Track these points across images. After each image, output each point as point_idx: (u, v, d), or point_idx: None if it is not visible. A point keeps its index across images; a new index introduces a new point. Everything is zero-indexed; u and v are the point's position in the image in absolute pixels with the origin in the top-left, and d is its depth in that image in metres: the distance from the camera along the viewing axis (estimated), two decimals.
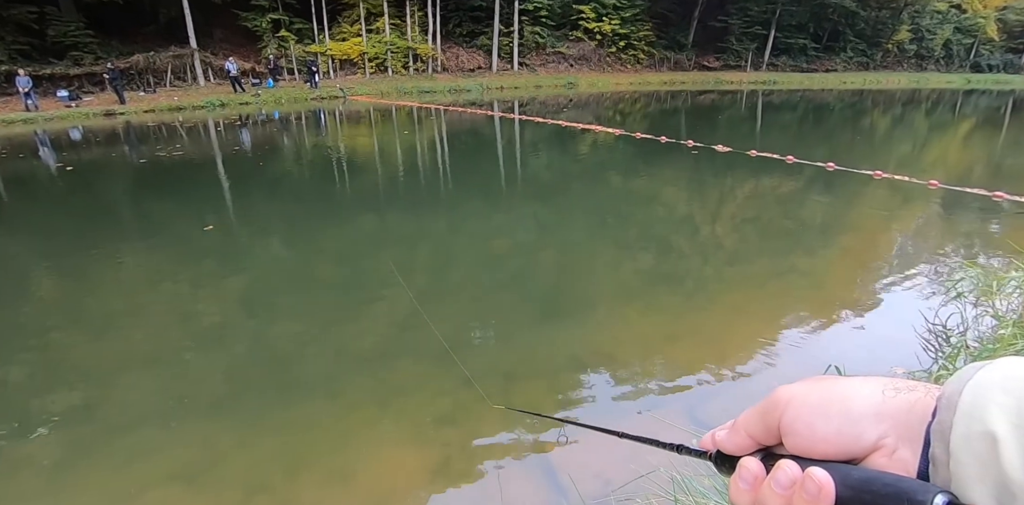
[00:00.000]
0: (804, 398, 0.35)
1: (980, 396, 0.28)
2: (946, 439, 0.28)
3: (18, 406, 2.90)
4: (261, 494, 2.16)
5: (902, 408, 0.32)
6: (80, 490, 2.25)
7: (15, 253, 5.65)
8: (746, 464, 0.37)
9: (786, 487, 0.33)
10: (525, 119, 15.08)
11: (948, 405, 0.29)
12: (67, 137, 15.36)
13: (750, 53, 33.12)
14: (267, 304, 4.16)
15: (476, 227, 5.94)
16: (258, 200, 7.55)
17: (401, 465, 2.28)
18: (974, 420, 0.27)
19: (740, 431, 0.39)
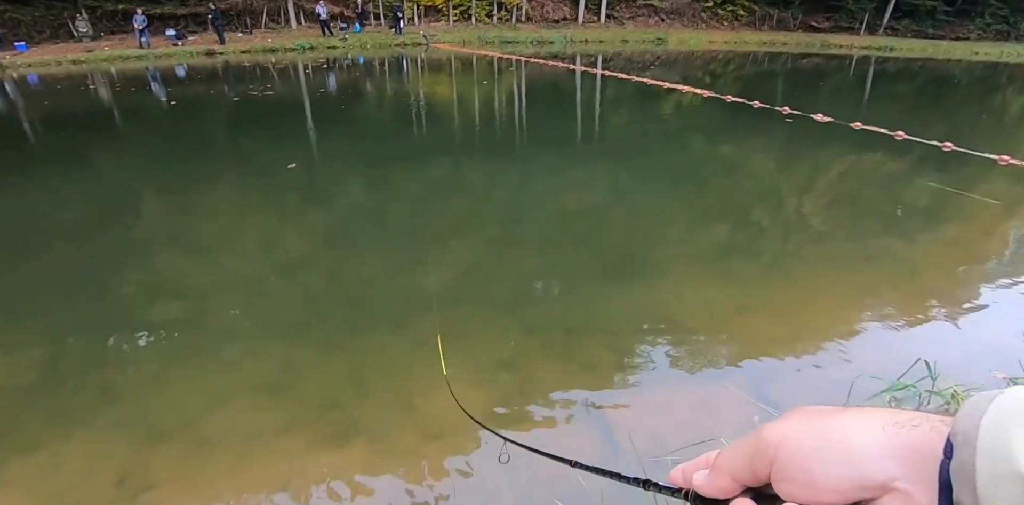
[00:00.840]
0: (797, 441, 0.31)
1: (1001, 432, 0.25)
2: (971, 482, 0.25)
3: (128, 314, 3.24)
4: (333, 411, 2.33)
5: (908, 446, 0.28)
6: (179, 390, 2.53)
7: (127, 178, 6.18)
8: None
9: None
10: (608, 75, 14.45)
11: (965, 443, 0.26)
12: (173, 74, 16.31)
13: (867, 14, 29.52)
14: (342, 241, 4.36)
15: (548, 181, 5.87)
16: (339, 141, 7.78)
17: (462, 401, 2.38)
18: (1000, 460, 0.25)
19: (723, 474, 0.35)
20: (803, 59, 20.85)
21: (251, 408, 2.38)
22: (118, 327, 3.07)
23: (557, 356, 2.71)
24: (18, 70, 17.61)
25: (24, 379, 2.65)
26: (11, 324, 3.18)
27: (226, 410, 2.37)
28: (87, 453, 2.14)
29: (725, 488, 0.35)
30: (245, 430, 2.24)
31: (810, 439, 0.31)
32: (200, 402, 2.42)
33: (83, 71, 17.09)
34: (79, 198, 5.51)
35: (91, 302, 3.41)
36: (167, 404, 2.42)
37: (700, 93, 11.22)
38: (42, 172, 6.59)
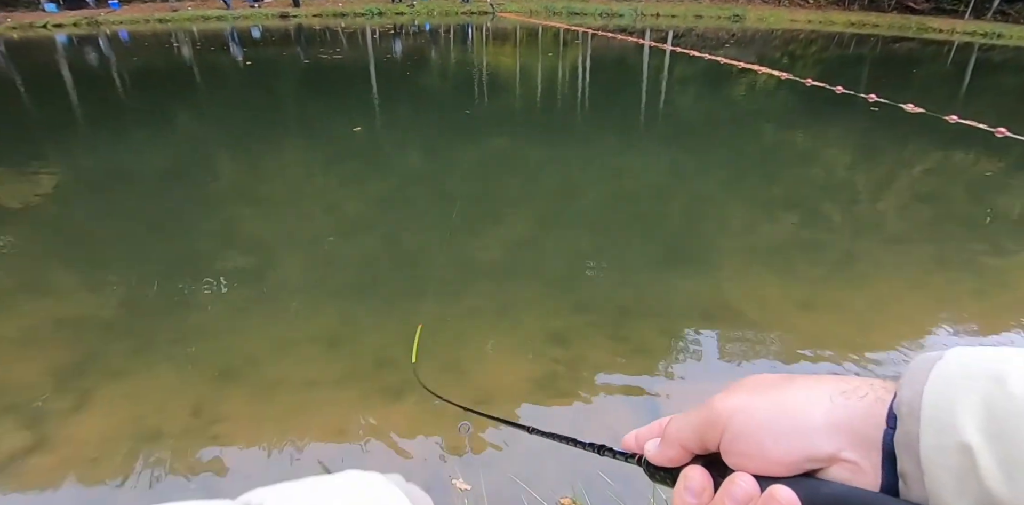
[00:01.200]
0: (749, 414, 0.31)
1: (944, 400, 0.25)
2: (915, 453, 0.25)
3: (202, 260, 3.46)
4: (387, 367, 2.44)
5: (856, 416, 0.28)
6: (248, 334, 2.70)
7: (203, 133, 6.49)
8: (691, 475, 0.33)
9: (742, 502, 0.30)
10: (678, 51, 13.86)
11: (910, 413, 0.26)
12: (249, 35, 16.80)
13: None
14: (401, 206, 4.45)
15: (607, 160, 5.76)
16: (402, 108, 7.87)
17: (511, 370, 2.44)
18: (944, 430, 0.25)
19: (673, 443, 0.35)
20: (895, 43, 19.29)
21: (311, 357, 2.52)
22: (194, 272, 3.28)
23: (608, 335, 2.72)
24: (111, 27, 18.59)
25: (114, 314, 2.90)
26: (101, 264, 3.46)
27: (289, 357, 2.52)
28: (167, 384, 2.33)
29: (675, 457, 0.35)
30: (305, 377, 2.38)
31: (760, 413, 0.31)
32: (266, 347, 2.58)
33: (168, 29, 17.86)
34: (161, 150, 5.84)
35: (170, 247, 3.65)
36: (237, 346, 2.59)
37: (777, 75, 10.62)
38: (130, 124, 7.00)
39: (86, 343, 2.63)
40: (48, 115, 7.70)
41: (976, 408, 0.24)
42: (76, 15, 19.26)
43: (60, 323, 2.80)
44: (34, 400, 2.24)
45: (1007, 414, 0.24)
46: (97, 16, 19.34)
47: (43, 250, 3.71)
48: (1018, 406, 0.23)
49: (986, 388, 0.25)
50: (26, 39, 16.51)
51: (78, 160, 5.61)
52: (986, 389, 0.25)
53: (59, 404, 2.22)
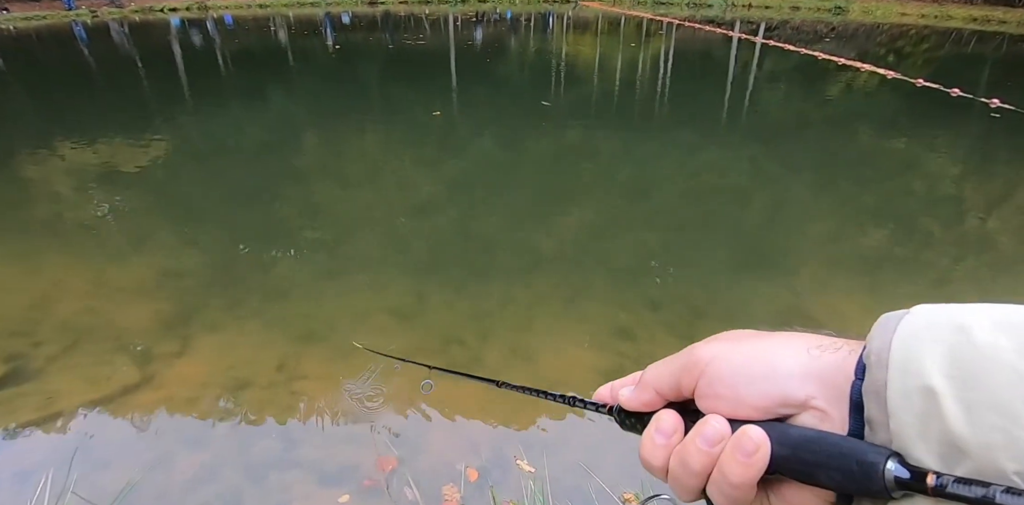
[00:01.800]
0: (726, 359, 0.32)
1: (911, 348, 0.26)
2: (882, 398, 0.26)
3: (288, 230, 3.69)
4: (455, 346, 2.51)
5: (829, 367, 0.30)
6: (328, 301, 2.87)
7: (294, 112, 6.85)
8: (664, 417, 0.34)
9: (714, 443, 0.31)
10: (771, 45, 13.14)
11: (879, 362, 0.27)
12: (339, 20, 17.49)
13: None
14: (474, 189, 4.54)
15: (684, 158, 5.59)
16: (480, 94, 7.96)
17: (577, 361, 2.45)
18: (910, 375, 0.26)
19: (648, 388, 0.36)
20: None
21: (384, 329, 2.63)
22: (280, 239, 3.52)
23: (679, 335, 2.66)
24: (218, 11, 19.94)
25: (211, 271, 3.17)
26: (201, 226, 3.76)
27: (364, 326, 2.65)
28: (255, 340, 2.52)
29: (649, 401, 0.36)
30: (378, 347, 2.48)
31: (738, 357, 0.32)
32: (344, 315, 2.73)
33: (267, 14, 18.91)
34: (256, 125, 6.24)
35: (260, 214, 3.92)
36: (318, 311, 2.76)
37: (882, 73, 9.85)
38: (230, 101, 7.52)
39: (188, 296, 2.88)
40: (160, 90, 8.39)
41: (941, 354, 0.25)
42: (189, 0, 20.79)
43: (166, 276, 3.09)
44: (143, 343, 2.49)
45: (970, 359, 0.25)
46: (207, 1, 20.76)
47: (152, 211, 4.08)
48: (981, 351, 0.24)
49: (951, 336, 0.26)
50: (145, 21, 18.03)
51: (185, 132, 6.10)
52: (951, 337, 0.26)
53: (164, 348, 2.46)
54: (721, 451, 0.31)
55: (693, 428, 0.32)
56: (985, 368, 0.24)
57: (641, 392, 0.37)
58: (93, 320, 2.69)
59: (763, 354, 0.32)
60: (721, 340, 0.35)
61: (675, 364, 0.35)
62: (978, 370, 0.24)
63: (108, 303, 2.85)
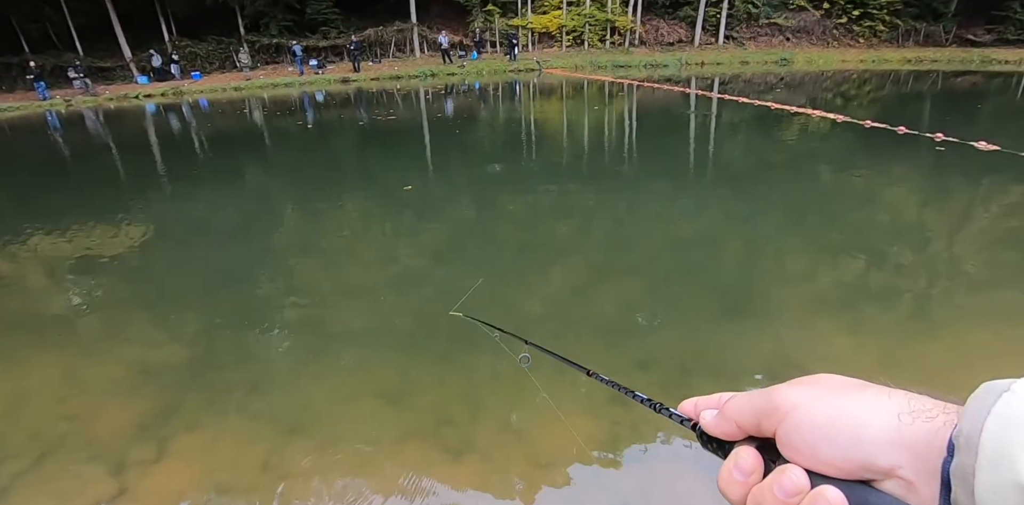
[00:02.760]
0: (809, 413, 0.31)
1: (1005, 438, 0.24)
2: (969, 485, 0.25)
3: (268, 313, 3.63)
4: (447, 427, 2.43)
5: (920, 439, 0.28)
6: (312, 388, 2.78)
7: (269, 191, 6.96)
8: (744, 455, 0.34)
9: (791, 495, 0.30)
10: (727, 98, 13.94)
11: (968, 446, 0.25)
12: (313, 99, 18.20)
13: None
14: (453, 258, 4.56)
15: (658, 209, 5.74)
16: (453, 164, 8.20)
17: (571, 433, 2.38)
18: (1001, 469, 0.24)
19: (730, 421, 0.35)
20: (957, 78, 18.70)
21: (373, 414, 2.54)
22: (261, 324, 3.45)
23: (674, 396, 2.61)
24: (193, 95, 20.67)
25: (189, 364, 3.07)
26: (178, 314, 3.69)
27: (352, 413, 2.55)
28: (238, 438, 2.41)
29: (729, 432, 0.35)
30: (367, 435, 2.39)
31: (821, 414, 0.31)
32: (330, 402, 2.64)
33: (242, 96, 19.63)
34: (232, 206, 6.30)
35: (239, 297, 3.87)
36: (302, 401, 2.67)
37: (832, 117, 10.45)
38: (205, 182, 7.63)
39: (165, 393, 2.78)
40: (136, 175, 8.51)
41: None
42: (164, 86, 21.58)
43: (141, 372, 2.99)
44: (117, 449, 2.36)
45: None
46: (182, 86, 21.58)
47: (127, 300, 4.01)
48: None
49: None
50: (120, 108, 18.56)
51: (161, 216, 6.13)
52: None
53: (140, 454, 2.33)
54: (799, 503, 0.30)
55: (772, 475, 0.31)
56: None
57: (722, 422, 0.36)
58: (63, 427, 2.56)
59: (850, 414, 0.30)
60: (807, 385, 0.33)
61: (758, 403, 0.34)
62: None
63: (79, 406, 2.73)
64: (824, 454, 0.30)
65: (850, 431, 0.30)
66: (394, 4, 26.01)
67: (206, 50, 24.45)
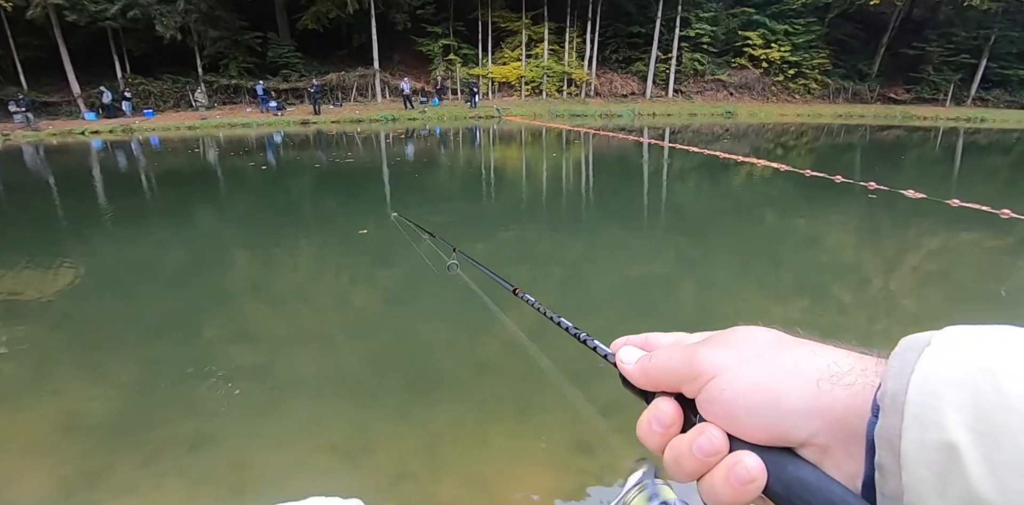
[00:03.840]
0: (730, 382, 0.31)
1: (930, 395, 0.24)
2: (895, 447, 0.24)
3: (215, 361, 3.41)
4: (407, 481, 2.29)
5: (838, 406, 0.28)
6: (262, 444, 2.58)
7: (219, 233, 6.73)
8: (664, 407, 0.34)
9: (708, 455, 0.30)
10: (678, 147, 14.67)
11: (893, 407, 0.25)
12: (271, 140, 18.06)
13: (952, 85, 28.83)
14: (409, 302, 4.47)
15: (614, 253, 5.86)
16: (411, 206, 8.19)
17: (537, 485, 2.29)
18: (928, 427, 0.23)
19: (649, 377, 0.35)
20: (883, 131, 20.40)
21: (328, 471, 2.38)
22: (205, 372, 3.23)
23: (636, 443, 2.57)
24: (143, 133, 20.16)
25: (125, 419, 2.81)
26: (113, 363, 3.42)
27: (304, 470, 2.38)
28: (176, 502, 2.19)
29: (646, 386, 0.36)
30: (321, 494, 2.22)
31: (741, 383, 0.30)
32: (281, 460, 2.46)
33: (196, 135, 19.29)
34: (179, 247, 6.04)
35: (181, 345, 3.63)
36: (251, 458, 2.47)
37: (774, 166, 11.11)
38: (151, 222, 7.32)
39: (95, 452, 2.52)
40: (75, 214, 8.09)
41: (964, 404, 0.23)
42: (113, 123, 20.98)
43: (69, 428, 2.72)
44: None
45: (996, 410, 0.22)
46: (132, 124, 21.05)
47: (56, 347, 3.70)
48: (1008, 402, 0.22)
49: (975, 382, 0.23)
50: (64, 144, 17.86)
51: (100, 256, 5.80)
52: (975, 383, 0.23)
53: None
54: (715, 462, 0.30)
55: (691, 431, 0.31)
56: (1013, 423, 0.22)
57: (641, 378, 0.36)
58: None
59: (769, 384, 0.30)
60: (732, 348, 0.32)
61: (677, 367, 0.33)
62: (1004, 423, 0.22)
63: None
64: (743, 423, 0.30)
65: (768, 402, 0.29)
66: (357, 50, 26.61)
67: (161, 88, 24.11)
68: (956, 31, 27.46)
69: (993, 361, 0.23)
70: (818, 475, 0.28)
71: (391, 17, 25.05)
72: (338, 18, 24.02)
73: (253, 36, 24.46)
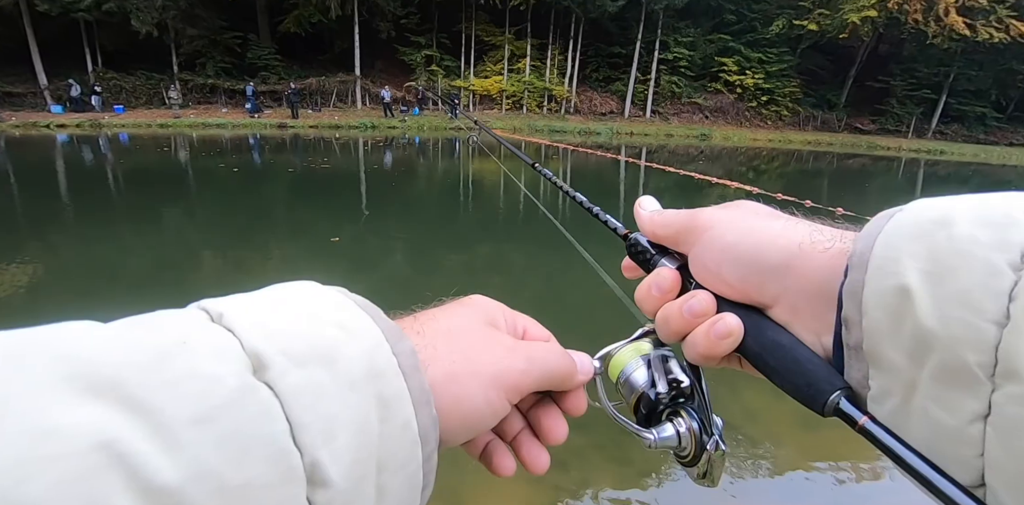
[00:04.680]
0: (722, 234, 0.33)
1: (891, 248, 0.26)
2: (858, 298, 0.26)
3: None
4: None
5: (812, 263, 0.30)
6: None
7: (186, 234, 6.50)
8: (665, 274, 0.36)
9: (696, 315, 0.33)
10: (654, 167, 14.92)
11: (859, 263, 0.27)
12: (245, 142, 17.72)
13: (914, 118, 30.24)
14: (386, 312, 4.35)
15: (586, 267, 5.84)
16: (386, 216, 8.08)
17: (511, 500, 2.21)
18: (887, 275, 0.25)
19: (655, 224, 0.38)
20: (849, 159, 21.17)
21: None
22: None
23: (611, 458, 2.52)
24: (112, 129, 19.52)
25: None
26: None
27: None
28: None
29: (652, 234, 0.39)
30: None
31: (733, 235, 0.33)
32: None
33: (168, 134, 18.79)
34: (144, 248, 5.79)
35: None
36: None
37: (748, 188, 11.36)
38: (117, 221, 7.03)
39: None
40: (35, 210, 7.71)
41: (919, 252, 0.25)
42: (80, 117, 20.25)
43: None
44: None
45: (947, 253, 0.24)
46: (101, 119, 20.37)
47: None
48: (958, 246, 0.24)
49: (932, 232, 0.25)
50: (27, 137, 17.14)
51: (60, 254, 5.52)
52: (932, 233, 0.25)
53: None
54: (700, 323, 0.32)
55: (684, 296, 0.34)
56: (959, 263, 0.23)
57: (650, 223, 0.39)
58: None
59: (757, 238, 0.32)
60: (730, 209, 0.35)
61: (681, 220, 0.36)
62: (952, 264, 0.23)
63: None
64: (727, 274, 0.32)
65: (751, 254, 0.31)
66: (338, 55, 26.46)
67: (133, 84, 23.47)
68: (918, 67, 28.91)
69: (950, 213, 0.25)
70: (791, 339, 0.30)
71: (375, 25, 25.04)
72: (320, 23, 23.89)
73: (233, 36, 24.10)
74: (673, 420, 0.35)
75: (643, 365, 0.38)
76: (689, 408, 0.35)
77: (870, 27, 25.55)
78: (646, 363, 0.38)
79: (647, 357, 0.38)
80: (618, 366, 0.40)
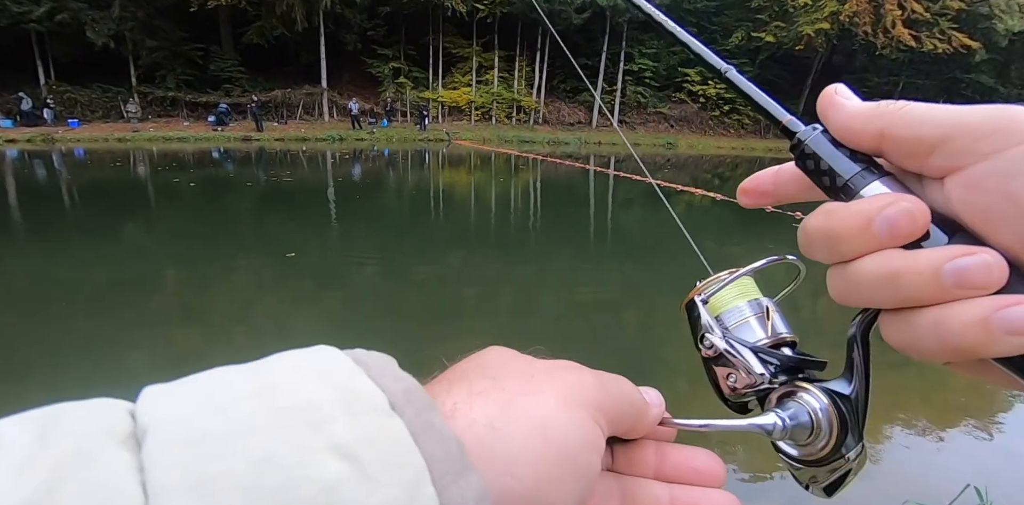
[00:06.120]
0: None
1: None
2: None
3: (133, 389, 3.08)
4: None
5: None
6: None
7: (145, 251, 6.29)
8: (909, 206, 0.22)
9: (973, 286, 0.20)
10: (622, 175, 15.14)
11: None
12: (208, 156, 17.32)
13: None
14: (350, 328, 4.27)
15: (560, 277, 5.87)
16: (353, 228, 7.97)
17: None
18: None
19: (884, 119, 0.25)
20: None
21: None
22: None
23: None
24: (67, 144, 18.85)
25: None
26: (14, 392, 3.03)
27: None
28: None
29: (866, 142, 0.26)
30: None
31: None
32: None
33: (126, 148, 18.24)
34: (100, 266, 5.56)
35: (98, 372, 3.27)
36: None
37: (712, 196, 11.62)
38: (71, 237, 6.75)
39: None
40: None
41: None
42: (31, 132, 19.50)
43: None
44: None
45: None
46: (54, 134, 19.65)
47: None
48: None
49: None
50: None
51: (9, 270, 5.26)
52: None
53: None
54: (972, 298, 0.20)
55: (946, 248, 0.21)
56: None
57: (871, 117, 0.25)
58: None
59: None
60: None
61: (967, 117, 0.21)
62: None
63: None
64: None
65: None
66: (304, 67, 26.22)
67: (89, 97, 22.75)
68: (870, 77, 30.24)
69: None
70: None
71: (341, 37, 24.91)
72: (285, 35, 23.65)
73: (194, 48, 23.66)
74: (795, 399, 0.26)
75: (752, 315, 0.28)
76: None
77: (824, 39, 26.65)
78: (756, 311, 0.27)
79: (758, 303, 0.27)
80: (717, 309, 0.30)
